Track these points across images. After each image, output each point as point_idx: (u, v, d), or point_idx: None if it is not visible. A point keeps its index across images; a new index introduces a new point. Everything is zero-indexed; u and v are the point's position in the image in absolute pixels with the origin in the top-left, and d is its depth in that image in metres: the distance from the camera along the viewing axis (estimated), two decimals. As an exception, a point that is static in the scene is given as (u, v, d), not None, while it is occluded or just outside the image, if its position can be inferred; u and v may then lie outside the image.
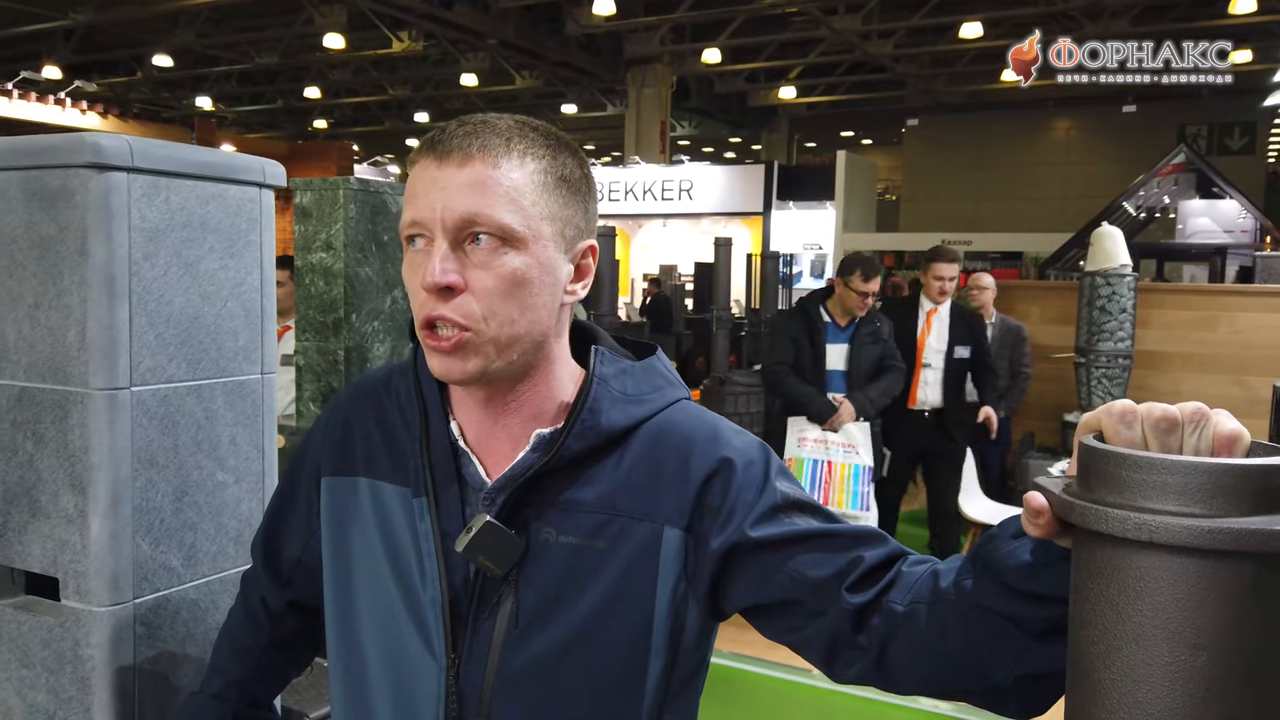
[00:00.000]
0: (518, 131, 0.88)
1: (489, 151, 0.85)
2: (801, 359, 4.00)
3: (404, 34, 14.17)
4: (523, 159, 0.87)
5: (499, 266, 0.85)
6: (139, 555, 1.25)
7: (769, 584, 0.89)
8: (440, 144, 0.86)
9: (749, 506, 0.89)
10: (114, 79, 17.01)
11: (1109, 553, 0.58)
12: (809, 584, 0.87)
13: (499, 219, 0.84)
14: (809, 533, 0.89)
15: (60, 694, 1.25)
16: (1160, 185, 10.58)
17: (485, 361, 0.87)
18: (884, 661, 0.85)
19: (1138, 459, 0.57)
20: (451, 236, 0.85)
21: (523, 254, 0.86)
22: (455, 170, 0.85)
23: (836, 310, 4.05)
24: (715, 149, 24.75)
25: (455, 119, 0.89)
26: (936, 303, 4.46)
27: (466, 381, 0.88)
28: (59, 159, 1.19)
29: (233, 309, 1.38)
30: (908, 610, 0.83)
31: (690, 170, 15.97)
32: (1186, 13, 12.54)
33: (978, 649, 0.79)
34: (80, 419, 1.21)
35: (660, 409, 0.94)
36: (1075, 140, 18.00)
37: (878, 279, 3.95)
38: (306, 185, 2.75)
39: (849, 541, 0.89)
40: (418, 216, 0.86)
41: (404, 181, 0.97)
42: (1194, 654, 0.56)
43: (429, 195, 0.85)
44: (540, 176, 0.88)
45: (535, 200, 0.87)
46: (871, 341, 4.03)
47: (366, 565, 0.96)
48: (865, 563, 0.87)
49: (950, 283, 4.45)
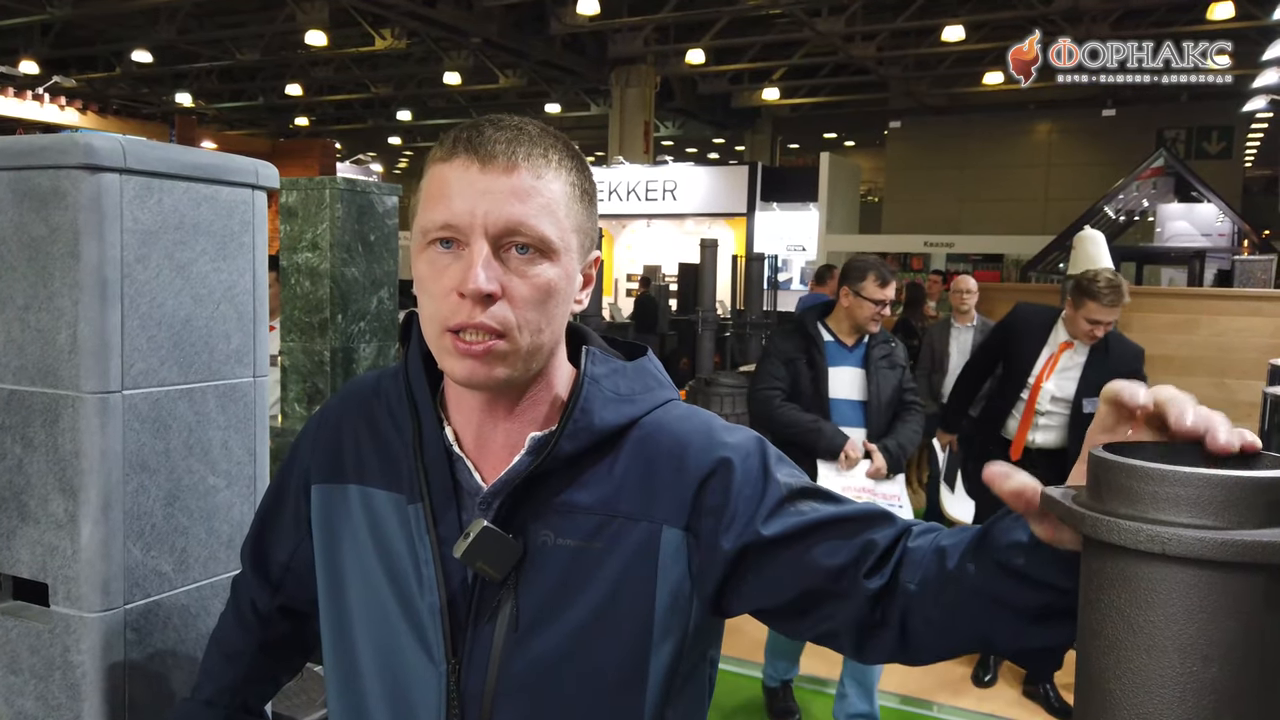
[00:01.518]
0: (550, 142, 0.87)
1: (533, 161, 0.85)
2: (798, 384, 3.23)
3: (386, 31, 14.11)
4: (559, 171, 0.87)
5: (535, 277, 0.85)
6: (130, 560, 1.24)
7: (783, 581, 0.89)
8: (481, 146, 0.84)
9: (756, 504, 0.89)
10: (92, 74, 16.84)
11: (1120, 564, 0.58)
12: (825, 574, 0.88)
13: (541, 230, 0.84)
14: (820, 520, 0.89)
15: (49, 701, 1.24)
16: (1139, 189, 10.69)
17: (511, 370, 0.86)
18: (905, 635, 0.86)
19: (1150, 471, 0.58)
20: (493, 243, 0.84)
21: (556, 265, 0.86)
22: (500, 176, 0.84)
23: (841, 327, 3.27)
24: (699, 150, 24.79)
25: (484, 119, 0.87)
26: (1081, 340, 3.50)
27: (491, 388, 0.88)
28: (50, 160, 1.18)
29: (225, 312, 1.37)
30: (919, 589, 0.85)
31: (674, 171, 15.98)
32: (1165, 18, 12.67)
33: (981, 627, 0.82)
34: (71, 422, 1.20)
35: (652, 409, 0.94)
36: (1056, 143, 18.15)
37: (893, 285, 3.27)
38: (292, 184, 2.73)
39: (859, 525, 0.90)
40: (454, 219, 0.84)
41: (387, 180, 0.95)
42: (1205, 665, 0.56)
43: (468, 198, 0.83)
44: (570, 189, 0.88)
45: (568, 213, 0.87)
46: (889, 366, 3.29)
47: (359, 573, 0.95)
48: (878, 546, 0.88)
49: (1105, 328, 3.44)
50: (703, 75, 16.82)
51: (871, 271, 3.15)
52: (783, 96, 17.79)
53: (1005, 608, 0.78)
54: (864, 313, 3.17)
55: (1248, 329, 5.77)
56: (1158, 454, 0.66)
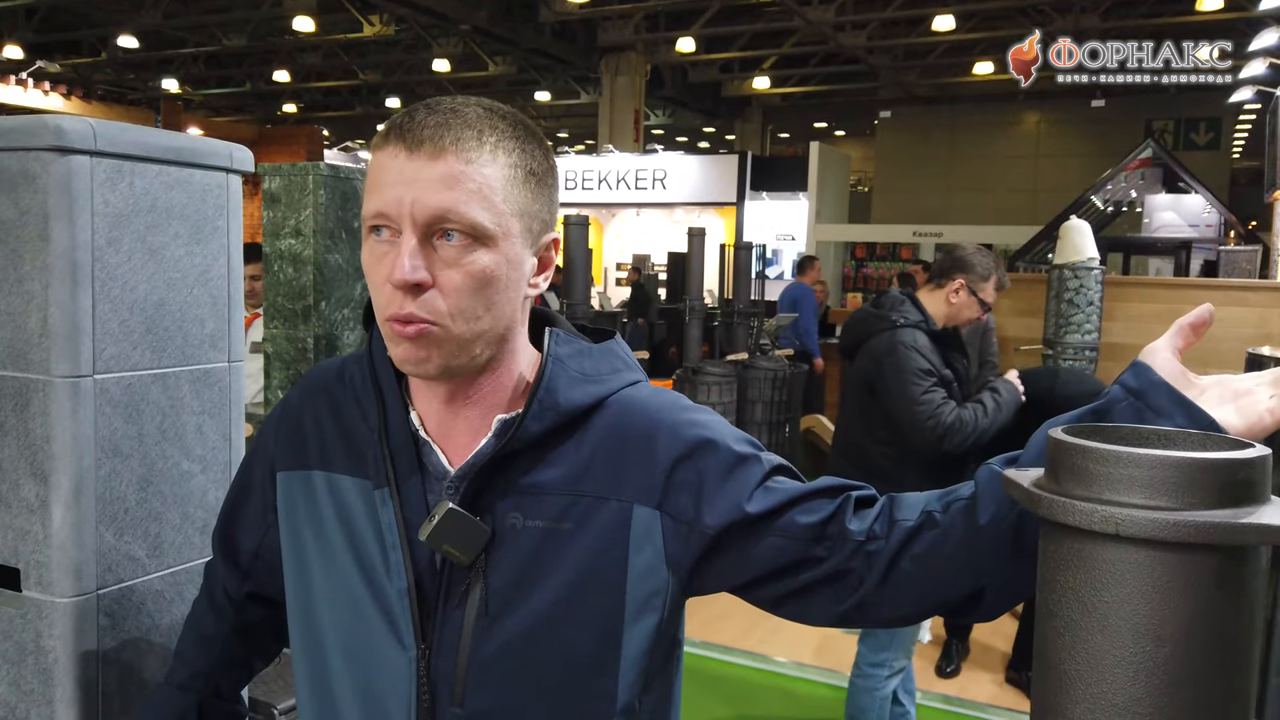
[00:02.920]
0: (489, 123, 0.85)
1: (462, 145, 0.83)
2: (951, 396, 2.77)
3: (375, 18, 14.01)
4: (494, 153, 0.85)
5: (468, 264, 0.84)
6: (102, 545, 1.23)
7: (766, 551, 0.90)
8: (410, 132, 0.83)
9: (740, 482, 0.90)
10: (77, 59, 16.68)
11: (1075, 545, 0.59)
12: (809, 531, 0.89)
13: (471, 217, 0.83)
14: (802, 491, 0.91)
15: (22, 686, 1.23)
16: (1127, 180, 10.72)
17: (447, 358, 0.86)
18: (888, 580, 0.87)
19: (1104, 452, 0.58)
20: (421, 232, 0.83)
21: (492, 251, 0.85)
22: (426, 163, 0.82)
23: (936, 316, 2.89)
24: (689, 138, 24.73)
25: (421, 103, 0.86)
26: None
27: (431, 375, 0.87)
28: (19, 141, 1.17)
29: (199, 296, 1.36)
30: (916, 523, 0.87)
31: (664, 160, 15.94)
32: (1154, 9, 12.69)
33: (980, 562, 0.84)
34: (42, 407, 1.19)
35: (619, 388, 0.94)
36: (1044, 134, 18.17)
37: None
38: (275, 170, 2.71)
39: (838, 488, 0.92)
40: (384, 208, 0.83)
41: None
42: (1158, 645, 0.56)
43: (396, 187, 0.83)
44: (510, 171, 0.86)
45: (506, 196, 0.85)
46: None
47: (325, 559, 0.95)
48: (857, 498, 0.91)
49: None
50: (693, 64, 16.77)
51: (995, 275, 2.90)
52: (773, 85, 17.75)
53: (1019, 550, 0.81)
54: (971, 313, 2.89)
55: (1232, 319, 5.80)
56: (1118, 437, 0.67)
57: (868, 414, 2.84)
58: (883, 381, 2.74)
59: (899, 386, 2.70)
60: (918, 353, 2.72)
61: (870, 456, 2.83)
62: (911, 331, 2.77)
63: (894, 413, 2.72)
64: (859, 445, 2.88)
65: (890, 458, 2.79)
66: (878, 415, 2.80)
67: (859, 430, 2.89)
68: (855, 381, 2.90)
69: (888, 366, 2.73)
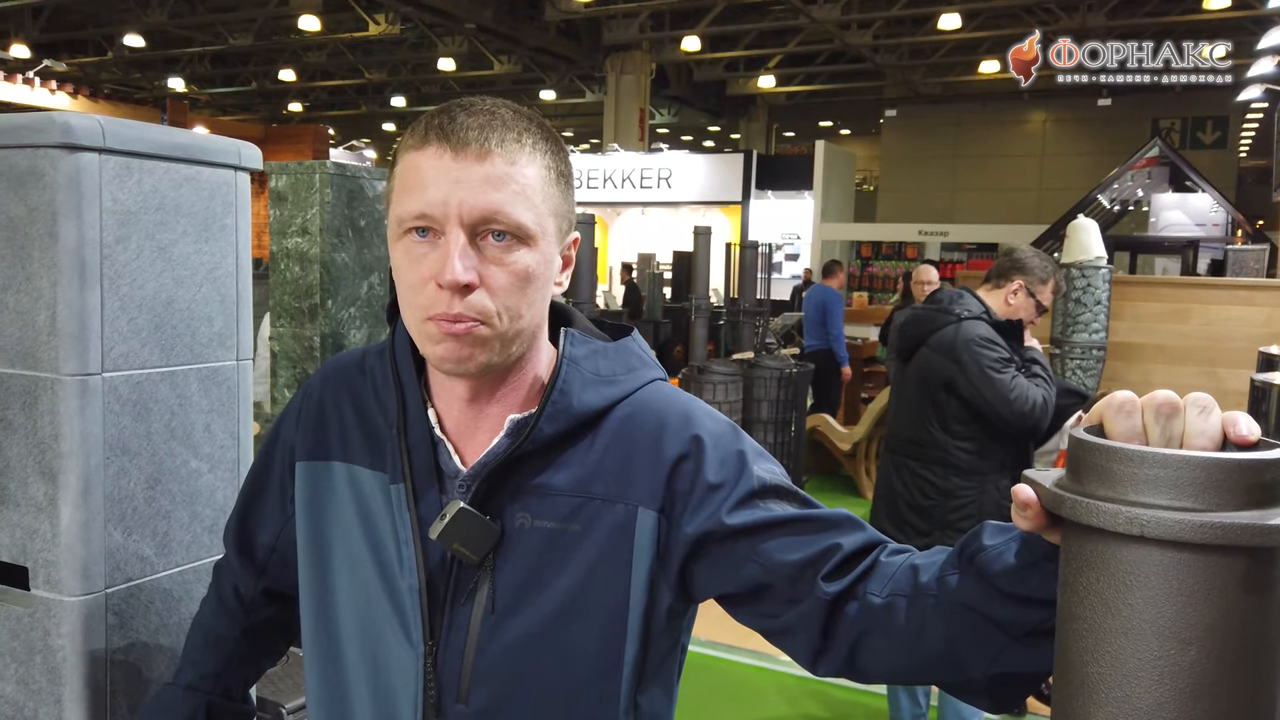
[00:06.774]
0: (523, 125, 0.86)
1: (506, 146, 0.84)
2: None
3: (380, 17, 14.03)
4: (533, 155, 0.86)
5: (513, 264, 0.84)
6: (110, 544, 1.23)
7: (741, 570, 0.88)
8: (453, 133, 0.83)
9: (724, 491, 0.88)
10: (84, 59, 16.72)
11: (1099, 546, 0.58)
12: (783, 570, 0.86)
13: (517, 217, 0.83)
14: (785, 518, 0.88)
15: (30, 685, 1.23)
16: (1134, 178, 10.70)
17: (491, 355, 0.86)
18: (856, 654, 0.84)
19: (1129, 452, 0.57)
20: (469, 232, 0.83)
21: (533, 250, 0.85)
22: (473, 164, 0.83)
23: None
24: (694, 137, 24.73)
25: (454, 104, 0.86)
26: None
27: (473, 374, 0.87)
28: (27, 139, 1.16)
29: (207, 294, 1.35)
30: (886, 603, 0.82)
31: (669, 158, 15.93)
32: (1161, 7, 12.66)
33: (957, 647, 0.79)
34: (50, 405, 1.18)
35: (634, 390, 0.93)
36: (1050, 132, 18.14)
37: None
38: (282, 169, 2.71)
39: (824, 526, 0.87)
40: (428, 209, 0.83)
41: (381, 166, 0.94)
42: (1183, 648, 0.55)
43: (441, 187, 0.83)
44: (546, 172, 0.87)
45: (544, 197, 0.86)
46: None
47: (345, 550, 0.95)
48: (842, 550, 0.85)
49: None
50: (698, 62, 16.76)
51: (1054, 280, 2.94)
52: (778, 84, 17.75)
53: (992, 624, 0.76)
54: (1028, 315, 2.91)
55: (1239, 318, 5.78)
56: None
57: (942, 411, 2.84)
58: (964, 375, 2.75)
59: (984, 379, 2.73)
60: (991, 341, 2.76)
61: (949, 454, 2.83)
62: (977, 323, 2.80)
63: (985, 404, 2.73)
64: (935, 443, 2.86)
65: (970, 452, 2.80)
66: (954, 411, 2.81)
67: (933, 428, 2.87)
68: (922, 380, 2.89)
69: (968, 362, 2.75)
